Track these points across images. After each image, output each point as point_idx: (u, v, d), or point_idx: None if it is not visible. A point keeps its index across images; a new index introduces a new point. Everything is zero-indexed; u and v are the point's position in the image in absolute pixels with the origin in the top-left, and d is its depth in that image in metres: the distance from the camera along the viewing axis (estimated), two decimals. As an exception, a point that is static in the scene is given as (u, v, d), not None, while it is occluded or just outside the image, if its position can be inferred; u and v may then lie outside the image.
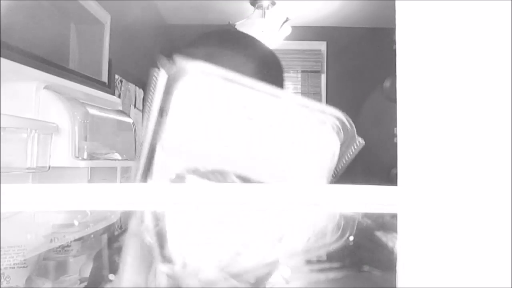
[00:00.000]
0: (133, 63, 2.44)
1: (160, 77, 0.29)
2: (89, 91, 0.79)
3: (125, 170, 0.87)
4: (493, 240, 0.23)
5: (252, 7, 2.66)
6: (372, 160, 2.96)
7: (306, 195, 0.26)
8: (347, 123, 0.35)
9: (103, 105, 0.82)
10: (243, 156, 0.32)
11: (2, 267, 0.46)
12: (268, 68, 0.64)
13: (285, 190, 0.26)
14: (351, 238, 0.39)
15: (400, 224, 0.23)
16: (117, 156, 0.80)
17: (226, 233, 0.35)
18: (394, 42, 0.26)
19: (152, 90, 0.30)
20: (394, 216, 0.24)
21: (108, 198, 0.25)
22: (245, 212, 0.33)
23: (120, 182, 0.83)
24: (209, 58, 0.63)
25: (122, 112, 0.89)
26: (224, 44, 0.63)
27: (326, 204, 0.27)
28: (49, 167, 0.62)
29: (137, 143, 0.91)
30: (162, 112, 0.31)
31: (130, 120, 0.89)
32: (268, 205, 0.26)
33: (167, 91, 0.29)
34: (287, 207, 0.25)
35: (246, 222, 0.35)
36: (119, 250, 0.55)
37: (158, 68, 0.29)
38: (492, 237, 0.23)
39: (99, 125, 0.75)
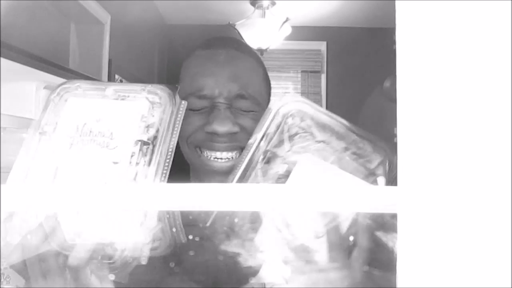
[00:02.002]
0: (133, 63, 2.44)
1: None
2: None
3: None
4: (493, 240, 0.23)
5: (252, 7, 2.66)
6: (372, 160, 2.96)
7: (307, 196, 0.26)
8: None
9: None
10: None
11: (2, 267, 0.46)
12: (267, 75, 0.72)
13: (287, 191, 0.26)
14: (351, 238, 0.40)
15: (400, 224, 0.23)
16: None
17: None
18: (394, 42, 0.26)
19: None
20: (394, 216, 0.24)
21: (109, 198, 0.25)
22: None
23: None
24: (229, 58, 0.67)
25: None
26: (241, 48, 0.69)
27: (326, 204, 0.27)
28: (49, 167, 0.62)
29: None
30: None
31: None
32: (272, 204, 0.26)
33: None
34: (289, 207, 0.25)
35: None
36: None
37: None
38: (492, 237, 0.23)
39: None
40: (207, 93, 0.63)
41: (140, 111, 0.41)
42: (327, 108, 2.90)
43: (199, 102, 0.63)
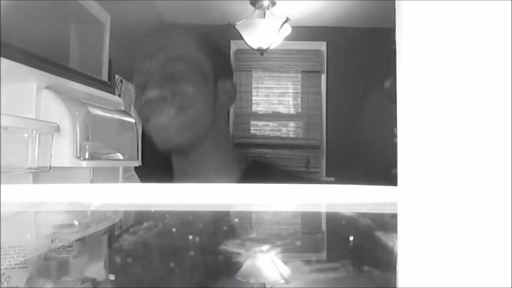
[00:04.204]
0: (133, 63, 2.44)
1: None
2: (91, 91, 0.79)
3: (127, 170, 0.87)
4: (493, 240, 0.23)
5: (252, 7, 2.66)
6: (372, 160, 2.96)
7: (307, 195, 0.26)
8: None
9: (105, 105, 0.82)
10: None
11: (2, 267, 0.46)
12: (212, 46, 0.78)
13: (287, 190, 0.26)
14: (351, 238, 0.40)
15: (400, 224, 0.23)
16: (119, 156, 0.80)
17: None
18: (394, 42, 0.26)
19: None
20: (394, 216, 0.24)
21: (111, 198, 0.25)
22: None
23: (122, 182, 0.83)
24: (164, 36, 0.78)
25: (124, 112, 0.89)
26: (174, 28, 0.83)
27: (326, 204, 0.27)
28: (50, 167, 0.62)
29: (138, 142, 0.91)
30: None
31: (132, 120, 0.89)
32: (271, 203, 0.26)
33: None
34: (288, 206, 0.25)
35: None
36: (119, 250, 0.55)
37: None
38: (492, 237, 0.23)
39: (101, 125, 0.75)
40: (141, 64, 0.76)
41: None
42: (327, 107, 2.88)
43: (139, 76, 0.75)
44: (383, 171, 2.76)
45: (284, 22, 2.54)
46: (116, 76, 2.18)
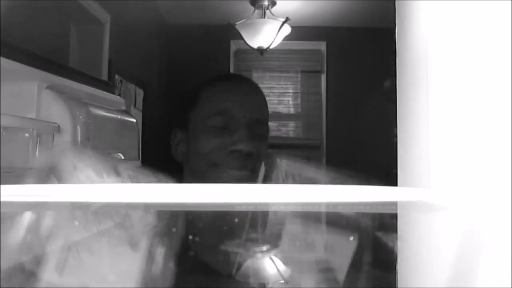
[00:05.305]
0: (133, 63, 2.44)
1: None
2: (91, 90, 0.79)
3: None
4: (493, 239, 0.23)
5: (252, 7, 2.66)
6: (372, 160, 2.96)
7: (307, 195, 0.26)
8: None
9: (106, 105, 0.82)
10: None
11: (2, 268, 0.46)
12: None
13: (287, 190, 0.26)
14: (351, 238, 0.40)
15: (400, 224, 0.23)
16: (120, 156, 0.80)
17: None
18: (394, 42, 0.26)
19: None
20: (394, 216, 0.24)
21: (111, 198, 0.25)
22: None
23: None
24: (252, 87, 0.78)
25: (125, 112, 0.88)
26: (246, 80, 0.83)
27: (326, 204, 0.27)
28: (51, 167, 0.62)
29: (139, 142, 0.91)
30: None
31: (133, 120, 0.89)
32: (271, 203, 0.26)
33: None
34: (289, 206, 0.25)
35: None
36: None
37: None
38: (492, 237, 0.23)
39: (102, 124, 0.75)
40: (234, 114, 0.72)
41: None
42: (327, 108, 2.88)
43: (223, 120, 0.72)
44: (383, 171, 2.77)
45: (284, 22, 2.54)
46: (116, 76, 2.18)
